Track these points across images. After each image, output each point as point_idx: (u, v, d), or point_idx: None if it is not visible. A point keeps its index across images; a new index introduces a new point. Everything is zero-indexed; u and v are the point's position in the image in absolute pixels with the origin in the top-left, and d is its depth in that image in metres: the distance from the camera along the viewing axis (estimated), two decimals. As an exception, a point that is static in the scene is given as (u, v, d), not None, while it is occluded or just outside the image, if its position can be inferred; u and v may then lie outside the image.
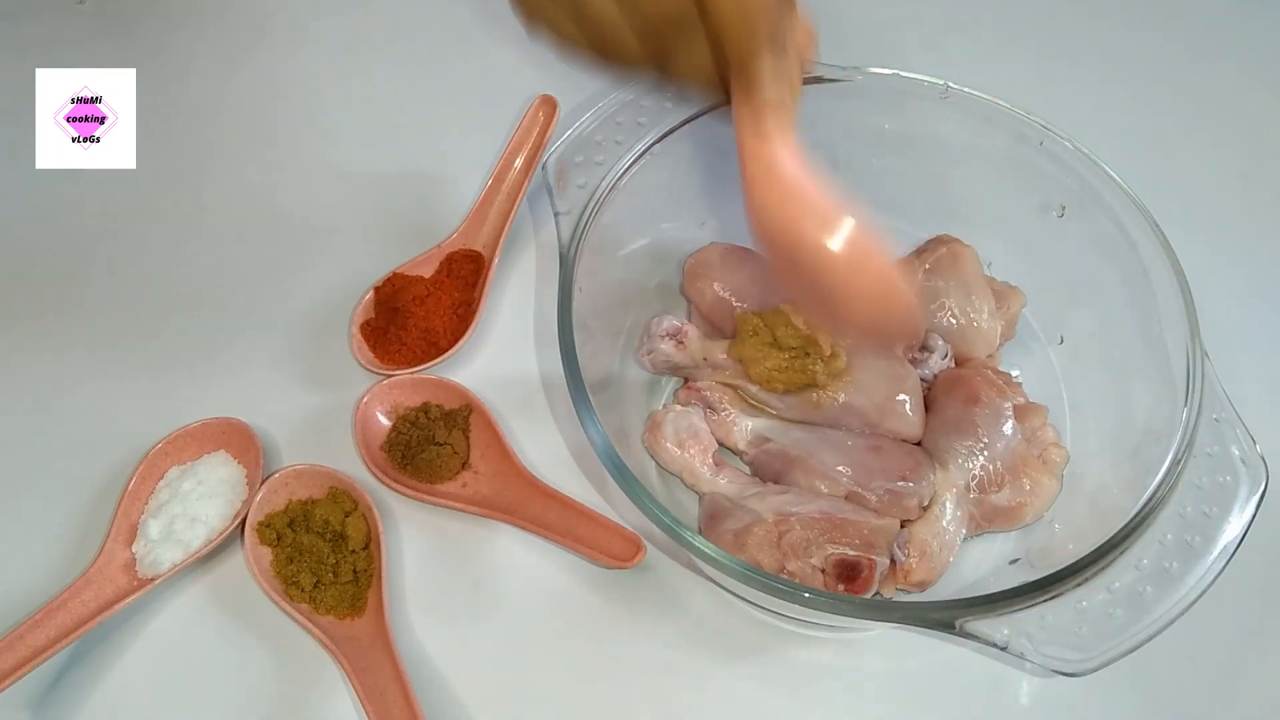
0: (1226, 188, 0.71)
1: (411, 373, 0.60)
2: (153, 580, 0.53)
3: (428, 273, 0.65)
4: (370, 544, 0.55)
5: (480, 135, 0.71)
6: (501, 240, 0.64)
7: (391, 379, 0.60)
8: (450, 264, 0.65)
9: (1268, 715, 0.54)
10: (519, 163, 0.68)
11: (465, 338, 0.61)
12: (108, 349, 0.63)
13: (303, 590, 0.53)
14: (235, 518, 0.55)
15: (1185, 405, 0.50)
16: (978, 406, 0.55)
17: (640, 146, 0.57)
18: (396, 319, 0.62)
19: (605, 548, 0.54)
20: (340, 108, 0.74)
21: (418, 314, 0.62)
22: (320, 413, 0.60)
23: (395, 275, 0.64)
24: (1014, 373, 0.60)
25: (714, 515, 0.54)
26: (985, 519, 0.54)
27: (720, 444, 0.57)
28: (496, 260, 0.64)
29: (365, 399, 0.59)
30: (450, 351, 0.61)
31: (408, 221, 0.68)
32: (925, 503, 0.54)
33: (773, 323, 0.56)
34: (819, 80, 0.58)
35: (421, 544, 0.57)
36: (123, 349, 0.63)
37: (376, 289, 0.64)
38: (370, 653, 0.51)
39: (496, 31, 0.76)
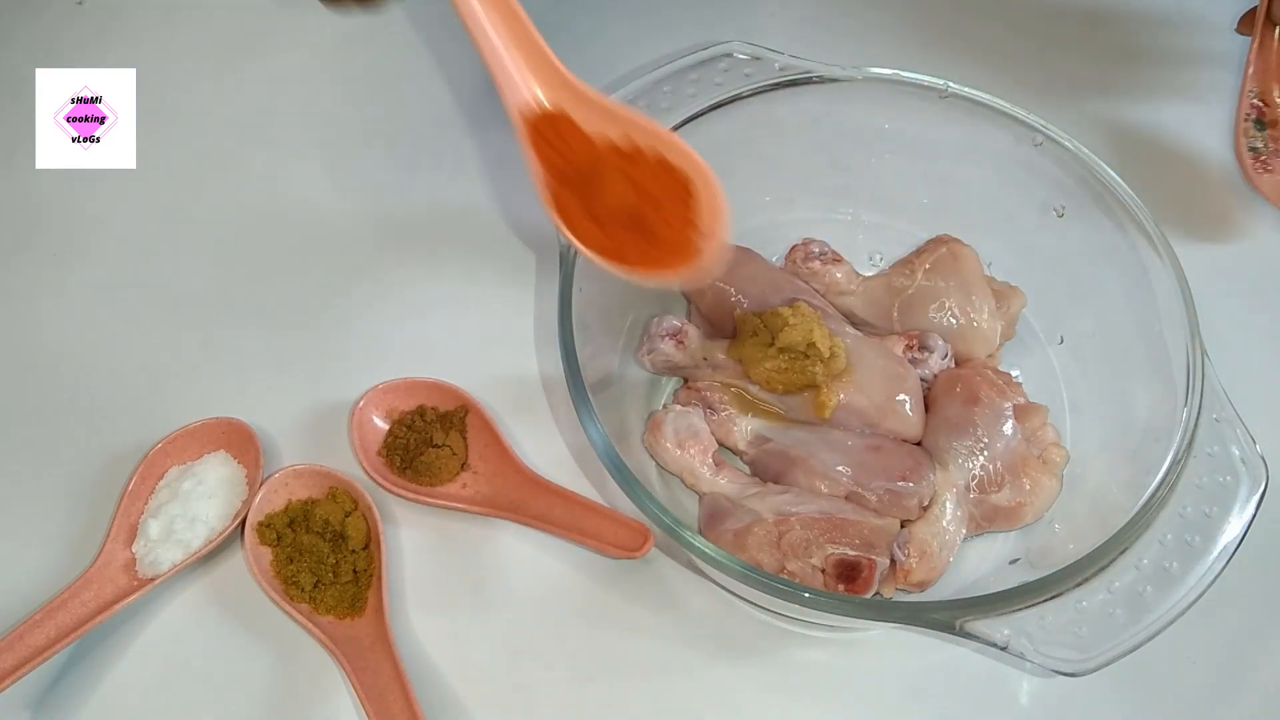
0: (1226, 186, 0.71)
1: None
2: (153, 580, 0.53)
3: (428, 273, 0.65)
4: (370, 544, 0.55)
5: (480, 135, 0.70)
6: (501, 240, 0.64)
7: (386, 382, 0.60)
8: (450, 264, 0.65)
9: (1268, 715, 0.53)
10: (519, 162, 0.68)
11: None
12: (107, 348, 0.62)
13: (303, 590, 0.53)
14: (235, 518, 0.55)
15: (1185, 405, 0.50)
16: (978, 406, 0.55)
17: (640, 146, 0.57)
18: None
19: (612, 539, 0.54)
20: (340, 107, 0.74)
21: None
22: (320, 413, 0.60)
23: (395, 275, 0.64)
24: (1014, 373, 0.60)
25: (714, 515, 0.54)
26: (985, 519, 0.54)
27: (720, 444, 0.57)
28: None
29: (360, 404, 0.58)
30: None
31: (407, 222, 0.68)
32: (925, 503, 0.54)
33: (773, 323, 0.55)
34: (819, 80, 0.58)
35: (421, 543, 0.57)
36: (122, 349, 0.63)
37: (376, 289, 0.64)
38: (370, 653, 0.51)
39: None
